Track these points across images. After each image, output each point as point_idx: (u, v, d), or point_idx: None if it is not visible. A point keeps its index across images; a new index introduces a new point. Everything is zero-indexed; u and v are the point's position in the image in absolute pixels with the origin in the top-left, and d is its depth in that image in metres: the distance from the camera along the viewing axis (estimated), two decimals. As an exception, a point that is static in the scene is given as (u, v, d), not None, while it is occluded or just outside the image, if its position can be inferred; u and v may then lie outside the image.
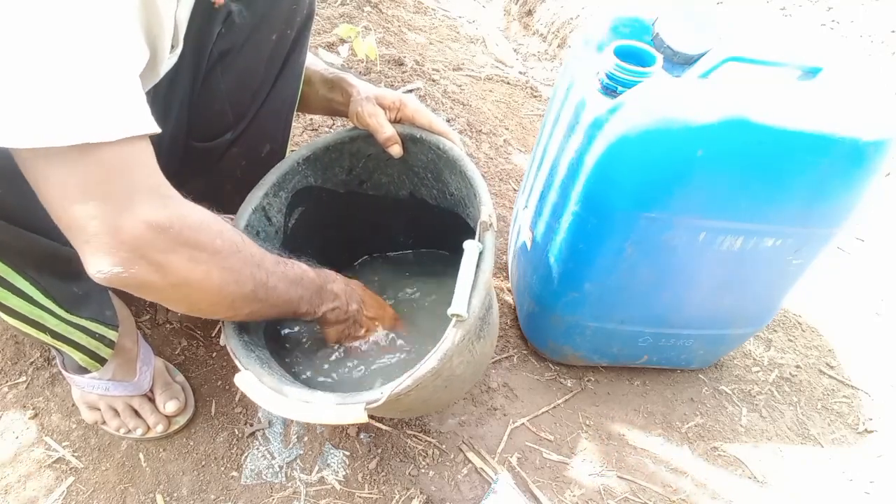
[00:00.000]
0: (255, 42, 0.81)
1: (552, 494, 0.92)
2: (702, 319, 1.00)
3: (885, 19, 1.90)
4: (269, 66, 0.84)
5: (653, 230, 0.82)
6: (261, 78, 0.84)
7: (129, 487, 0.86)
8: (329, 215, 0.98)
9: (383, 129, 0.85)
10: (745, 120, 0.72)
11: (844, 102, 0.77)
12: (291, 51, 0.84)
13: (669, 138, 0.73)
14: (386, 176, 0.95)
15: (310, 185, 0.92)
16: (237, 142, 0.89)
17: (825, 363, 1.22)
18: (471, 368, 0.76)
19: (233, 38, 0.80)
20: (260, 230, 0.87)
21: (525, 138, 1.69)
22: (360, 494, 0.89)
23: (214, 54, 0.81)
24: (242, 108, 0.86)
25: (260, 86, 0.85)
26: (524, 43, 2.36)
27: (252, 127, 0.88)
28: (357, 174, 0.94)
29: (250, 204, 0.84)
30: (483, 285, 0.67)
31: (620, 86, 0.78)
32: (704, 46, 0.83)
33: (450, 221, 0.94)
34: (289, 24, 0.82)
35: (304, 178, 0.90)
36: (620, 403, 1.08)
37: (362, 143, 0.89)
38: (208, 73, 0.82)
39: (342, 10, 1.89)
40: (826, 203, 0.80)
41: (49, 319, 0.74)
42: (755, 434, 1.07)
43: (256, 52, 0.82)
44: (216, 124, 0.87)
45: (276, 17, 0.80)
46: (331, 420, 0.63)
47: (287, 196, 0.90)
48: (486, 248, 0.69)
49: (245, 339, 0.73)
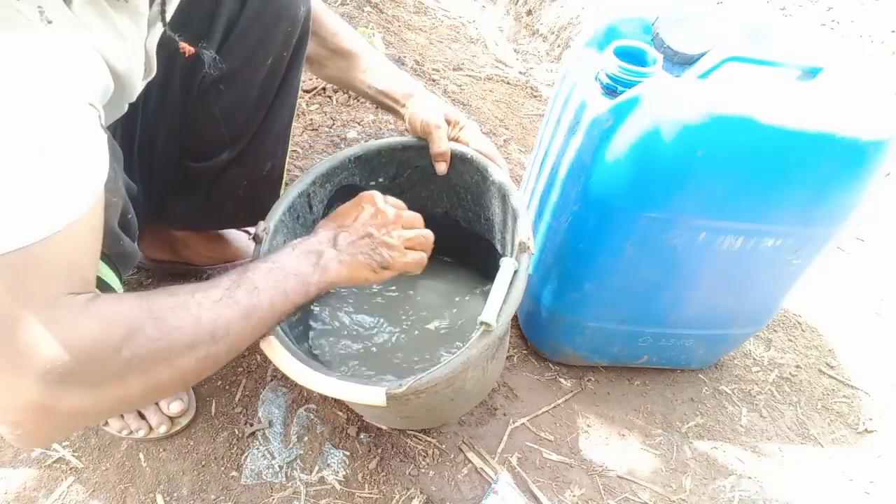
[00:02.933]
0: (250, 66, 0.81)
1: (552, 494, 0.92)
2: (702, 319, 1.00)
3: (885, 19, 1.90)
4: (266, 87, 0.84)
5: (653, 230, 0.82)
6: (256, 100, 0.84)
7: (129, 487, 0.86)
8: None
9: (442, 142, 0.85)
10: (746, 120, 0.72)
11: (844, 102, 0.77)
12: (288, 70, 0.85)
13: (669, 138, 0.73)
14: (427, 191, 0.96)
15: (354, 184, 0.93)
16: (236, 162, 0.89)
17: (825, 363, 1.22)
18: (477, 387, 0.78)
19: (228, 63, 0.80)
20: (300, 215, 0.89)
21: (525, 138, 1.69)
22: (360, 494, 0.89)
23: (207, 80, 0.81)
24: (238, 130, 0.87)
25: (256, 107, 0.85)
26: (524, 43, 2.36)
27: (251, 147, 0.89)
28: (400, 183, 0.95)
29: (296, 188, 0.86)
30: (514, 302, 0.68)
31: (620, 86, 0.78)
32: (704, 46, 0.83)
33: (473, 245, 0.95)
34: (285, 46, 0.82)
35: (351, 176, 0.92)
36: (620, 403, 1.08)
37: (413, 154, 0.90)
38: (202, 96, 0.83)
39: (342, 10, 1.89)
40: (826, 203, 0.80)
41: None
42: (755, 434, 1.07)
43: (252, 76, 0.82)
44: (211, 145, 0.88)
45: (272, 40, 0.80)
46: (350, 395, 0.64)
47: (332, 189, 0.91)
48: (521, 268, 0.71)
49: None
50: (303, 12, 0.81)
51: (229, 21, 0.79)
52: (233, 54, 0.80)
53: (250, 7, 0.79)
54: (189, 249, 1.05)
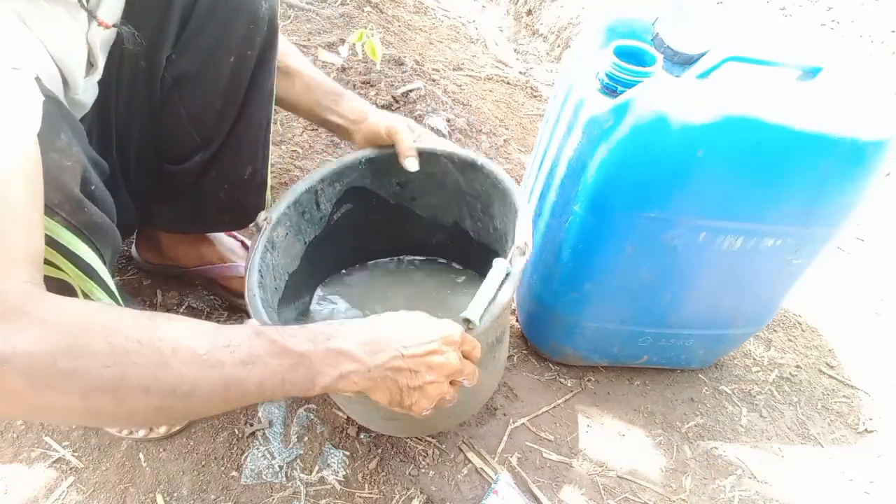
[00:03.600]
0: (211, 65, 0.80)
1: (552, 494, 0.92)
2: (702, 319, 1.00)
3: (885, 19, 1.90)
4: (232, 88, 0.83)
5: (653, 230, 0.82)
6: (223, 100, 0.83)
7: (129, 487, 0.86)
8: (375, 220, 0.98)
9: (409, 140, 0.85)
10: (745, 120, 0.72)
11: (844, 102, 0.77)
12: (257, 72, 0.83)
13: (669, 138, 0.73)
14: (437, 199, 0.95)
15: (364, 187, 0.93)
16: (213, 164, 0.89)
17: (825, 363, 1.22)
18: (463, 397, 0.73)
19: (187, 62, 0.80)
20: (306, 211, 0.89)
21: (525, 138, 1.69)
22: (361, 494, 0.89)
23: (168, 80, 0.81)
24: (208, 131, 0.86)
25: (224, 108, 0.84)
26: (524, 43, 2.36)
27: (226, 150, 0.88)
28: (411, 189, 0.94)
29: (304, 184, 0.86)
30: (500, 306, 0.67)
31: (620, 86, 0.78)
32: (704, 46, 0.83)
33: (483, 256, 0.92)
34: (248, 45, 0.80)
35: (362, 178, 0.91)
36: (620, 403, 1.08)
37: (423, 160, 0.87)
38: (167, 98, 0.82)
39: (342, 10, 1.89)
40: (826, 203, 0.80)
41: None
42: (755, 434, 1.07)
43: (215, 75, 0.81)
44: (183, 147, 0.88)
45: (232, 38, 0.79)
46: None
47: (341, 189, 0.91)
48: (513, 272, 0.69)
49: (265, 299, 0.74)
50: (265, 9, 0.79)
51: (182, 18, 0.78)
52: (190, 53, 0.79)
53: (202, 3, 0.77)
54: (175, 251, 1.05)
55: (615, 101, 0.77)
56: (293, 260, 0.90)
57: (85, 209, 0.62)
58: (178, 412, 0.51)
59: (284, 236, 0.87)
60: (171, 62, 0.80)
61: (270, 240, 0.83)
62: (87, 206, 0.62)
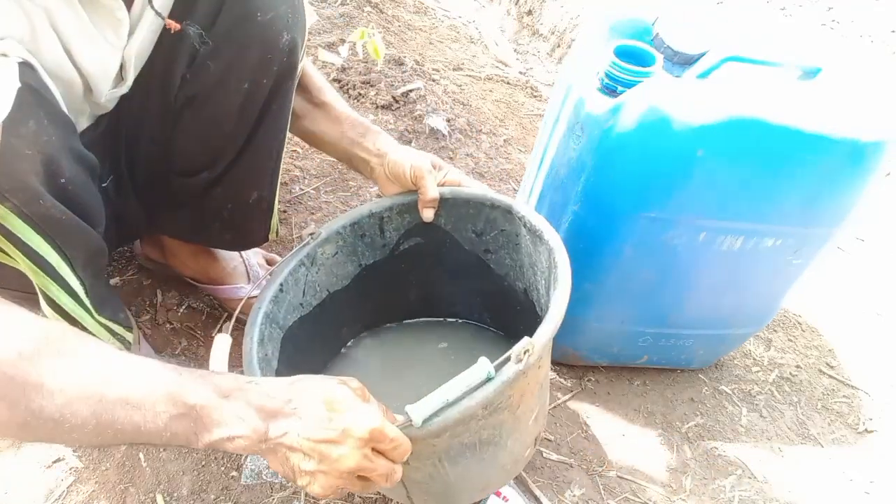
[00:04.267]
0: (223, 89, 0.80)
1: (552, 494, 0.92)
2: (702, 319, 1.00)
3: (885, 19, 1.90)
4: (244, 114, 0.82)
5: (653, 230, 0.82)
6: (233, 124, 0.83)
7: (129, 487, 0.86)
8: (445, 262, 0.94)
9: (433, 188, 0.83)
10: (745, 120, 0.72)
11: (844, 102, 0.77)
12: (271, 101, 0.82)
13: (669, 138, 0.73)
14: (512, 260, 0.88)
15: (439, 225, 0.88)
16: (218, 184, 0.89)
17: (825, 363, 1.22)
18: (436, 486, 0.70)
19: (199, 84, 0.80)
20: (368, 235, 0.87)
21: (525, 138, 1.69)
22: (360, 494, 0.89)
23: (181, 98, 0.81)
24: (216, 153, 0.86)
25: (234, 132, 0.84)
26: (525, 43, 2.36)
27: (233, 172, 0.88)
28: (486, 241, 0.89)
29: (368, 207, 0.85)
30: (458, 412, 0.57)
31: (620, 85, 0.78)
32: (704, 46, 0.83)
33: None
34: (262, 72, 0.79)
35: (438, 218, 0.87)
36: (620, 403, 1.08)
37: (499, 216, 0.84)
38: (179, 115, 0.82)
39: (342, 10, 1.89)
40: (826, 203, 0.80)
41: (87, 319, 0.76)
42: (755, 434, 1.07)
43: (226, 99, 0.80)
44: (191, 162, 0.88)
45: (245, 65, 0.78)
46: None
47: (411, 222, 0.88)
48: (494, 381, 0.58)
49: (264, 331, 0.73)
50: (285, 41, 0.78)
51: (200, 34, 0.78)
52: (203, 74, 0.79)
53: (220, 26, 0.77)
54: (175, 258, 1.05)
55: (615, 100, 0.77)
56: (340, 279, 0.89)
57: (41, 201, 0.60)
58: (43, 434, 0.48)
59: (333, 255, 0.86)
60: (185, 81, 0.80)
61: (311, 255, 0.83)
62: (45, 198, 0.60)
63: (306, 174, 1.39)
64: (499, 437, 0.68)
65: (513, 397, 0.64)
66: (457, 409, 0.57)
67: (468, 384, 0.57)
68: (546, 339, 0.62)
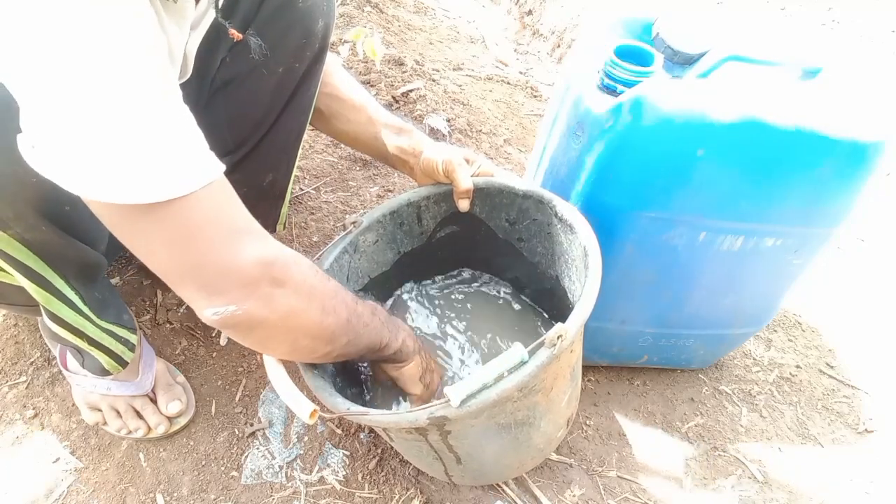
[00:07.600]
0: (260, 73, 0.81)
1: (552, 494, 0.92)
2: (702, 319, 1.00)
3: (885, 19, 1.90)
4: (275, 98, 0.83)
5: (653, 230, 0.82)
6: (265, 109, 0.84)
7: (129, 487, 0.86)
8: (479, 250, 0.97)
9: (467, 179, 0.85)
10: (746, 120, 0.72)
11: (844, 102, 0.77)
12: (300, 84, 0.84)
13: (669, 138, 0.73)
14: (544, 249, 0.91)
15: (474, 214, 0.91)
16: (237, 168, 0.89)
17: (825, 363, 1.22)
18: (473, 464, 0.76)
19: (238, 67, 0.80)
20: (406, 223, 0.91)
21: (525, 138, 1.69)
22: (360, 494, 0.89)
23: (217, 82, 0.81)
24: (242, 137, 0.86)
25: (263, 117, 0.85)
26: (525, 43, 2.36)
27: (253, 156, 0.88)
28: (519, 229, 0.92)
29: (405, 196, 0.87)
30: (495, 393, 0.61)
31: (620, 85, 0.78)
32: (704, 46, 0.83)
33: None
34: (297, 57, 0.81)
35: (472, 207, 0.90)
36: (620, 403, 1.08)
37: (532, 205, 0.87)
38: (211, 99, 0.83)
39: (342, 10, 1.89)
40: (826, 203, 0.80)
41: (88, 326, 0.77)
42: (755, 434, 1.07)
43: (261, 84, 0.81)
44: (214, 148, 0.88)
45: (284, 50, 0.80)
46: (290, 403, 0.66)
47: (447, 210, 0.91)
48: (529, 364, 0.61)
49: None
50: (321, 26, 0.81)
51: (244, 23, 0.78)
52: (243, 57, 0.80)
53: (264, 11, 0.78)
54: None
55: (615, 100, 0.77)
56: (379, 266, 0.92)
57: (42, 227, 0.62)
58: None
59: (374, 242, 0.89)
60: (224, 64, 0.80)
61: (354, 242, 0.85)
62: (45, 224, 0.62)
63: (306, 174, 1.39)
64: (533, 418, 0.72)
65: (546, 380, 0.68)
66: (493, 390, 0.61)
67: (504, 367, 0.61)
68: (578, 325, 0.66)
